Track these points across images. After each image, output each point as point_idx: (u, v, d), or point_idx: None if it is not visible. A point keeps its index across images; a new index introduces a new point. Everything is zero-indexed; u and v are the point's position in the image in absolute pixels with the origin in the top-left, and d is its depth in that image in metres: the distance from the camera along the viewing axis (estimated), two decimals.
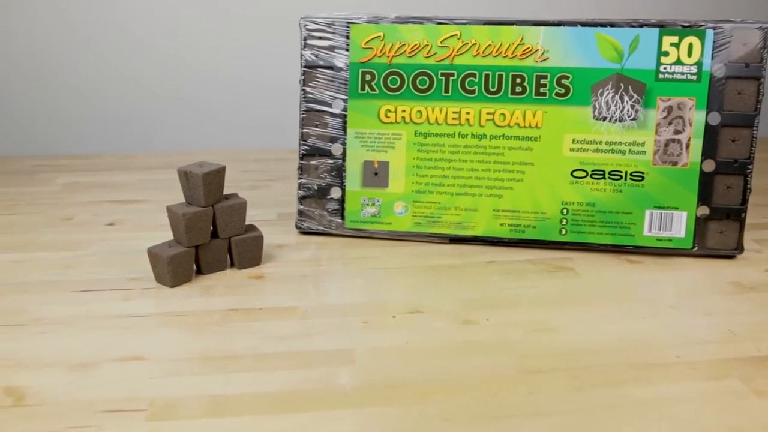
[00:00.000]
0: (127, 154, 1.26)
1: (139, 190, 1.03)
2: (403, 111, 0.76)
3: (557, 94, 0.73)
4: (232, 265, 0.73)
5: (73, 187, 1.05)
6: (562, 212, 0.75)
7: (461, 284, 0.68)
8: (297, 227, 0.82)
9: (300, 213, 0.81)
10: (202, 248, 0.69)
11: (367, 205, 0.79)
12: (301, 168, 0.80)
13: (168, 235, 0.79)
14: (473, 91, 0.74)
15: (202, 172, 0.66)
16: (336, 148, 0.78)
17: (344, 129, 0.78)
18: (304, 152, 0.79)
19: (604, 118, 0.72)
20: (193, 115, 1.29)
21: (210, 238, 0.69)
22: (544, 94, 0.73)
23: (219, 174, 0.68)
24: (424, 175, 0.77)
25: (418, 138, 0.76)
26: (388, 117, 0.76)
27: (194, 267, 0.70)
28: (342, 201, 0.79)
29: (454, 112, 0.75)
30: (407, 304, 0.63)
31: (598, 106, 0.72)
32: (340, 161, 0.78)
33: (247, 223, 0.74)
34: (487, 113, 0.74)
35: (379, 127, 0.77)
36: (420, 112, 0.76)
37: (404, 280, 0.69)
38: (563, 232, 0.75)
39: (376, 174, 0.78)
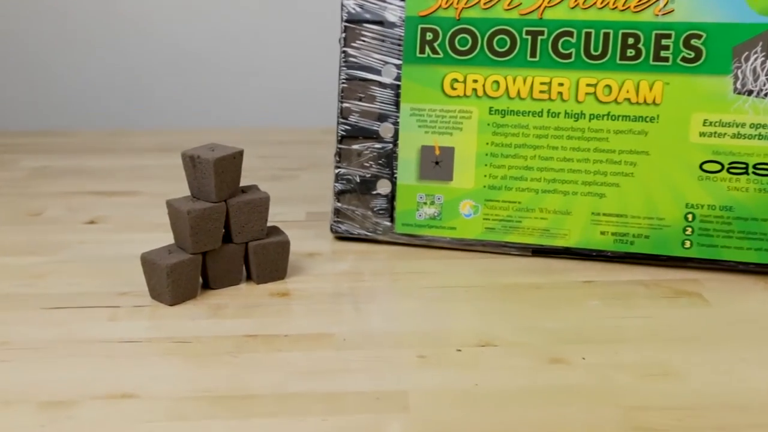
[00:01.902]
0: (112, 130, 1.29)
1: (129, 179, 1.05)
2: (475, 81, 0.76)
3: (684, 59, 0.72)
4: (249, 278, 0.74)
5: (43, 173, 1.08)
6: (686, 218, 0.74)
7: (547, 311, 0.67)
8: (332, 231, 0.82)
9: (336, 212, 0.82)
10: (212, 256, 0.70)
11: (425, 203, 0.79)
12: (339, 154, 0.80)
13: (167, 238, 0.81)
14: (569, 56, 0.74)
15: (214, 158, 0.67)
16: (385, 129, 0.79)
17: (397, 104, 0.78)
18: (343, 133, 0.80)
19: (750, 92, 0.71)
20: (198, 83, 1.31)
21: (221, 242, 0.70)
22: (665, 59, 0.72)
23: (235, 160, 0.69)
24: (501, 165, 0.77)
25: (493, 117, 0.76)
26: (455, 89, 0.76)
27: (200, 280, 0.71)
28: (392, 198, 0.80)
29: (542, 84, 0.74)
30: (476, 335, 0.63)
31: (741, 76, 0.71)
32: (390, 146, 0.79)
33: (269, 224, 0.75)
34: (587, 85, 0.74)
35: (443, 102, 0.77)
36: (497, 82, 0.75)
37: (472, 303, 0.69)
38: (687, 244, 0.74)
39: (437, 163, 0.78)
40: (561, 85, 0.74)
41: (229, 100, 1.32)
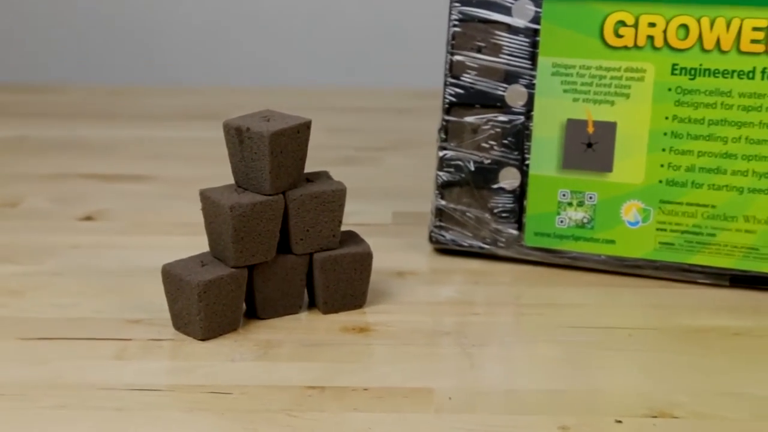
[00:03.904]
0: (115, 87, 1.31)
1: (139, 158, 1.06)
2: (652, 25, 0.75)
3: None
4: (313, 305, 0.74)
5: (19, 147, 1.10)
6: None
7: (753, 368, 0.66)
8: (432, 240, 0.82)
9: (439, 214, 0.82)
10: (262, 271, 0.70)
11: (570, 204, 0.79)
12: (445, 128, 0.80)
13: (197, 244, 0.81)
14: None
15: (270, 131, 0.67)
16: (515, 94, 0.78)
17: (532, 57, 0.78)
18: (452, 99, 0.80)
19: None
20: (233, 21, 1.32)
21: (276, 253, 0.70)
22: None
23: (299, 136, 0.69)
24: (686, 151, 0.76)
25: (677, 78, 0.75)
26: (621, 36, 0.76)
27: (244, 305, 0.71)
28: (520, 195, 0.80)
29: (755, 30, 0.73)
30: (644, 401, 0.62)
31: None
32: (522, 119, 0.79)
33: (342, 228, 0.74)
34: None
35: (602, 56, 0.76)
36: (684, 27, 0.74)
37: (638, 353, 0.68)
38: None
39: (589, 146, 0.78)
40: None
41: (280, 47, 1.33)
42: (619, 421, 0.60)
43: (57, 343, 0.68)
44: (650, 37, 0.75)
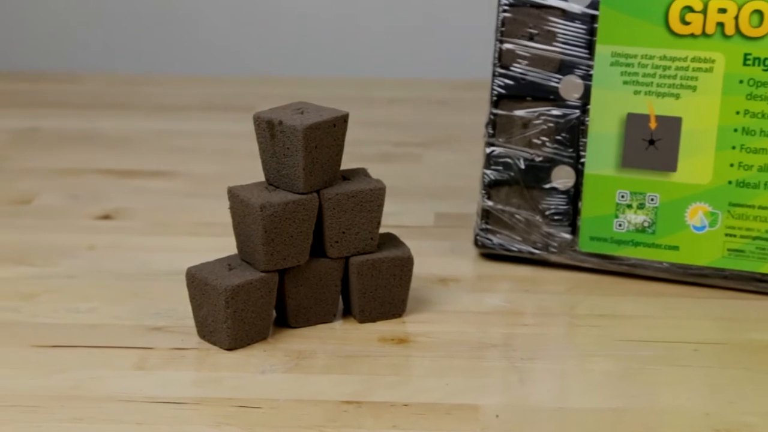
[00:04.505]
0: (136, 75, 1.31)
1: (161, 152, 1.07)
2: (722, 11, 0.75)
3: None
4: (348, 313, 0.74)
5: (31, 139, 1.10)
6: None
7: None
8: (478, 244, 0.83)
9: (486, 216, 0.82)
10: (294, 276, 0.71)
11: (629, 206, 0.79)
12: (493, 123, 0.80)
13: (223, 245, 0.81)
14: None
15: (305, 125, 0.68)
16: (569, 86, 0.78)
17: (589, 46, 0.78)
18: (501, 91, 0.80)
19: None
20: (264, 7, 1.32)
21: (308, 256, 0.71)
22: None
23: (336, 129, 0.69)
24: (760, 149, 0.75)
25: (749, 69, 0.75)
26: (688, 23, 0.76)
27: (274, 313, 0.72)
28: (575, 196, 0.80)
29: None
30: (712, 421, 0.62)
31: None
32: (577, 113, 0.79)
33: (380, 230, 0.74)
34: None
35: (667, 45, 0.76)
36: (758, 13, 0.74)
37: (706, 370, 0.68)
38: None
39: (651, 143, 0.77)
40: None
41: (308, 32, 1.33)
42: None
43: (73, 351, 0.69)
44: (720, 24, 0.75)
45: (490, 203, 0.81)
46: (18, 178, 0.99)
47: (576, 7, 0.78)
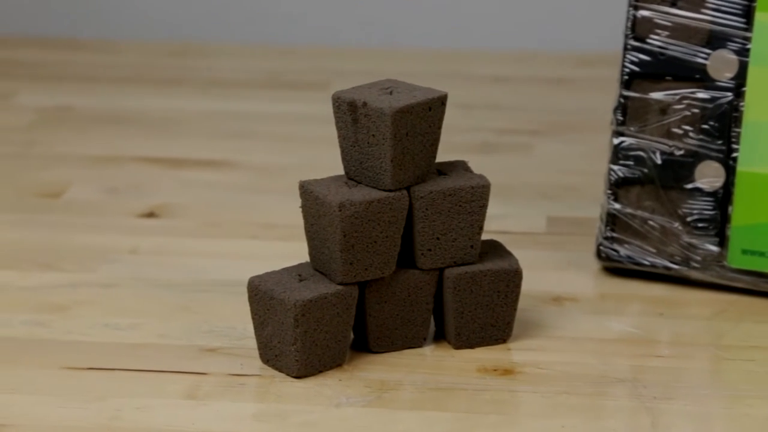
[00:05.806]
0: (182, 44, 1.30)
1: (214, 138, 1.08)
2: None
3: None
4: (442, 336, 0.74)
5: (61, 119, 1.11)
6: None
7: None
8: (601, 256, 0.83)
9: (612, 221, 0.82)
10: (376, 290, 0.71)
11: None
12: (623, 108, 0.81)
13: (291, 251, 0.82)
14: None
15: (393, 108, 0.68)
16: (720, 63, 0.78)
17: (746, 13, 0.78)
18: (633, 68, 0.80)
19: None
20: None
21: (395, 266, 0.72)
22: None
23: (432, 113, 0.70)
24: None
25: None
26: None
27: (351, 334, 0.73)
28: (724, 198, 0.79)
29: None
30: None
31: None
32: (729, 97, 0.78)
33: (482, 237, 0.74)
34: None
35: None
36: None
37: None
38: None
39: None
40: None
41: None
42: None
43: (112, 375, 0.70)
44: None
45: (617, 206, 0.82)
46: (46, 166, 1.01)
47: None
